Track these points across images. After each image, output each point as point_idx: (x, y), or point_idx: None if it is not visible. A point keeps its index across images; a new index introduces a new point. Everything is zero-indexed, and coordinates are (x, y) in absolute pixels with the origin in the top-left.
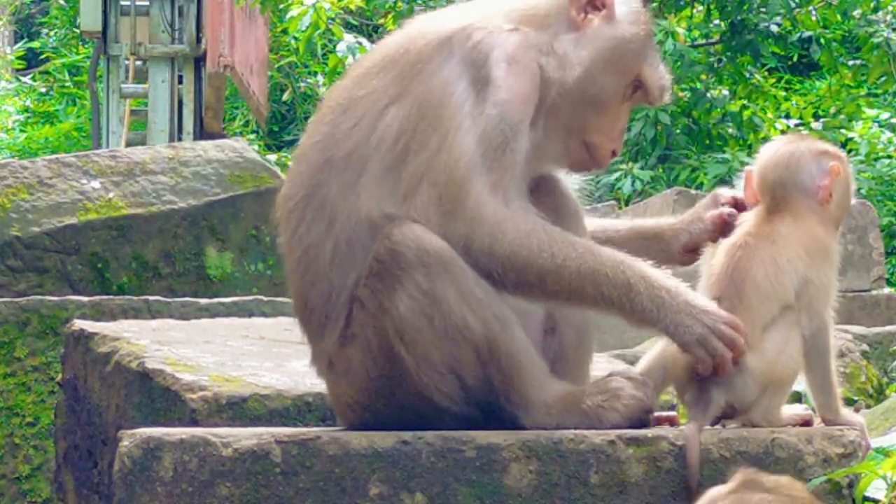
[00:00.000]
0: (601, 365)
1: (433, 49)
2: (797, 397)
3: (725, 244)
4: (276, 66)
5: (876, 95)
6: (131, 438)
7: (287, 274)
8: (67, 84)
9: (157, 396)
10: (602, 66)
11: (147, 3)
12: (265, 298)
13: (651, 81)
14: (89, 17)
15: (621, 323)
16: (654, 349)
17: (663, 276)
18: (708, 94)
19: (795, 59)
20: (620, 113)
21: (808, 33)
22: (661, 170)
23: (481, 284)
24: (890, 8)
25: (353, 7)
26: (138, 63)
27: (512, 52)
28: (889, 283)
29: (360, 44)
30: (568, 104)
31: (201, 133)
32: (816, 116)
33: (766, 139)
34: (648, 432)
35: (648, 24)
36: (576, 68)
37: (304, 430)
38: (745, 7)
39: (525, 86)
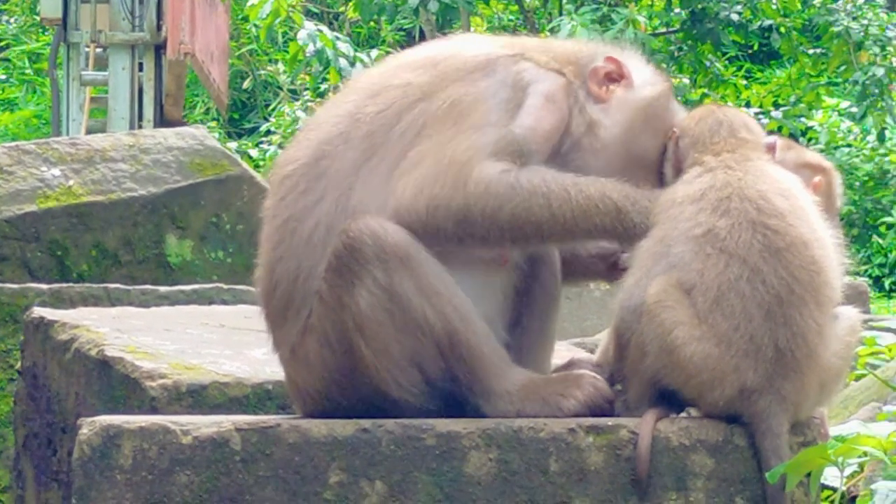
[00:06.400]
0: (561, 353)
1: (479, 62)
2: None
3: None
4: (237, 53)
5: (836, 84)
6: (91, 426)
7: (261, 240)
8: (27, 71)
9: (117, 384)
10: (641, 126)
11: None
12: (225, 286)
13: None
14: (49, 4)
15: (580, 310)
16: (608, 334)
17: (644, 191)
18: None
19: (756, 47)
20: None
21: (768, 22)
22: None
23: (440, 277)
24: None
25: None
26: (98, 50)
27: (553, 90)
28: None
29: (320, 31)
30: (604, 166)
31: (161, 121)
32: (777, 105)
33: None
34: (608, 420)
35: (668, 80)
36: (611, 129)
37: (264, 417)
38: None
39: (553, 124)
